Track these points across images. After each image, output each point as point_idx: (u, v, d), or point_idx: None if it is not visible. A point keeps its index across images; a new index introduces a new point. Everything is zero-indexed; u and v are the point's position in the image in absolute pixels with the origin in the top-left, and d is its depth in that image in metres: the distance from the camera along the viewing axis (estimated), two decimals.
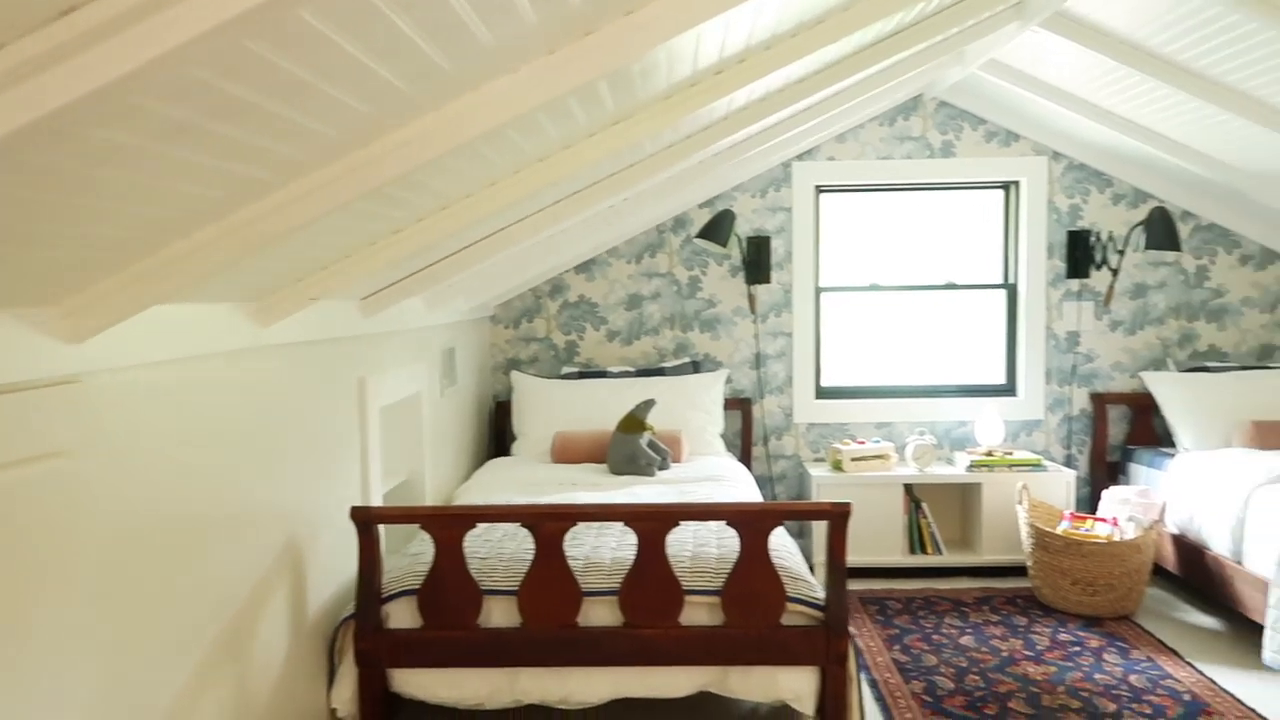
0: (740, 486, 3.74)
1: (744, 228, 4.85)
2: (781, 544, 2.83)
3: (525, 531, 2.59)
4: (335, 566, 2.73)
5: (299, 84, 1.10)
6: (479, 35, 1.28)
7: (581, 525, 2.96)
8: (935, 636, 3.73)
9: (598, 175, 2.76)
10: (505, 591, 2.57)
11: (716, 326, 4.92)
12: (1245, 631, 3.66)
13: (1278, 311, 4.83)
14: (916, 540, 4.55)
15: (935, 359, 4.98)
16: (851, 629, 3.84)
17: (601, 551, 2.74)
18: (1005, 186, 4.91)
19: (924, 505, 4.56)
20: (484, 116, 1.47)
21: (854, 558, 4.45)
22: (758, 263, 4.76)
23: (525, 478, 3.87)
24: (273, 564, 2.26)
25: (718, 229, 4.54)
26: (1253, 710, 3.06)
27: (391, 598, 2.56)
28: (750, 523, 2.50)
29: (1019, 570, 4.41)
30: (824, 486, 4.47)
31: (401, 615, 2.57)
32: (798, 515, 2.58)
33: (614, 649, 2.51)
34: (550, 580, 2.52)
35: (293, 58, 1.03)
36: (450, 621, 2.53)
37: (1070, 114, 4.27)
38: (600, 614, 2.57)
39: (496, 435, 4.85)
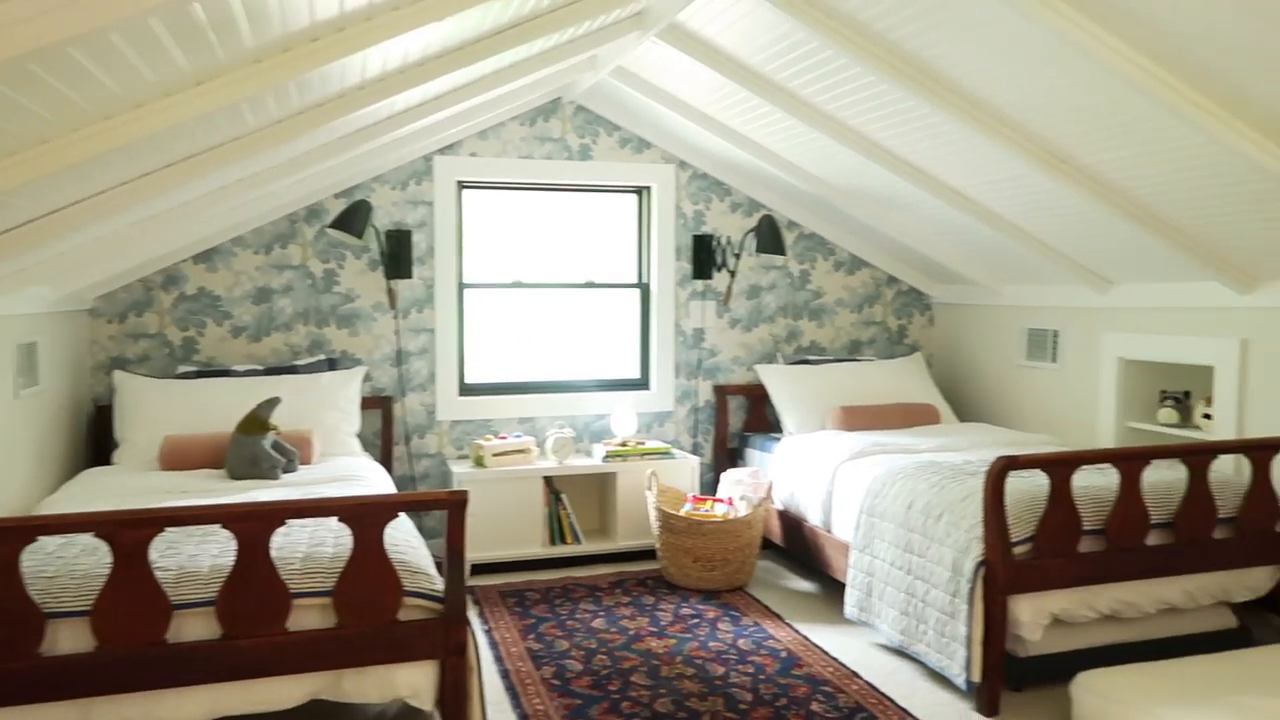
0: (374, 486, 3.61)
1: (384, 220, 4.70)
2: (404, 539, 2.75)
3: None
4: None
5: None
6: None
7: (181, 534, 2.68)
8: (570, 622, 3.83)
9: (196, 146, 2.52)
10: (75, 613, 2.25)
11: (355, 322, 4.72)
12: (834, 591, 4.14)
13: (864, 311, 5.54)
14: (557, 531, 4.66)
15: (576, 355, 5.14)
16: (487, 621, 3.84)
17: (200, 560, 2.49)
18: (638, 191, 5.19)
19: (564, 497, 4.69)
20: None
21: (496, 552, 4.48)
22: (398, 257, 4.63)
23: (126, 487, 3.44)
24: None
25: (353, 220, 4.35)
26: (835, 659, 3.46)
27: None
28: (363, 517, 2.40)
29: (650, 553, 4.67)
30: (465, 483, 4.44)
31: None
32: (412, 506, 2.52)
33: (210, 664, 2.30)
34: (131, 595, 2.25)
35: None
36: (2, 653, 2.17)
37: (693, 126, 4.59)
38: (195, 628, 2.34)
39: (95, 443, 4.29)
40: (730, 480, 4.56)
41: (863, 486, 3.80)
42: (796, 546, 4.41)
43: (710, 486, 5.12)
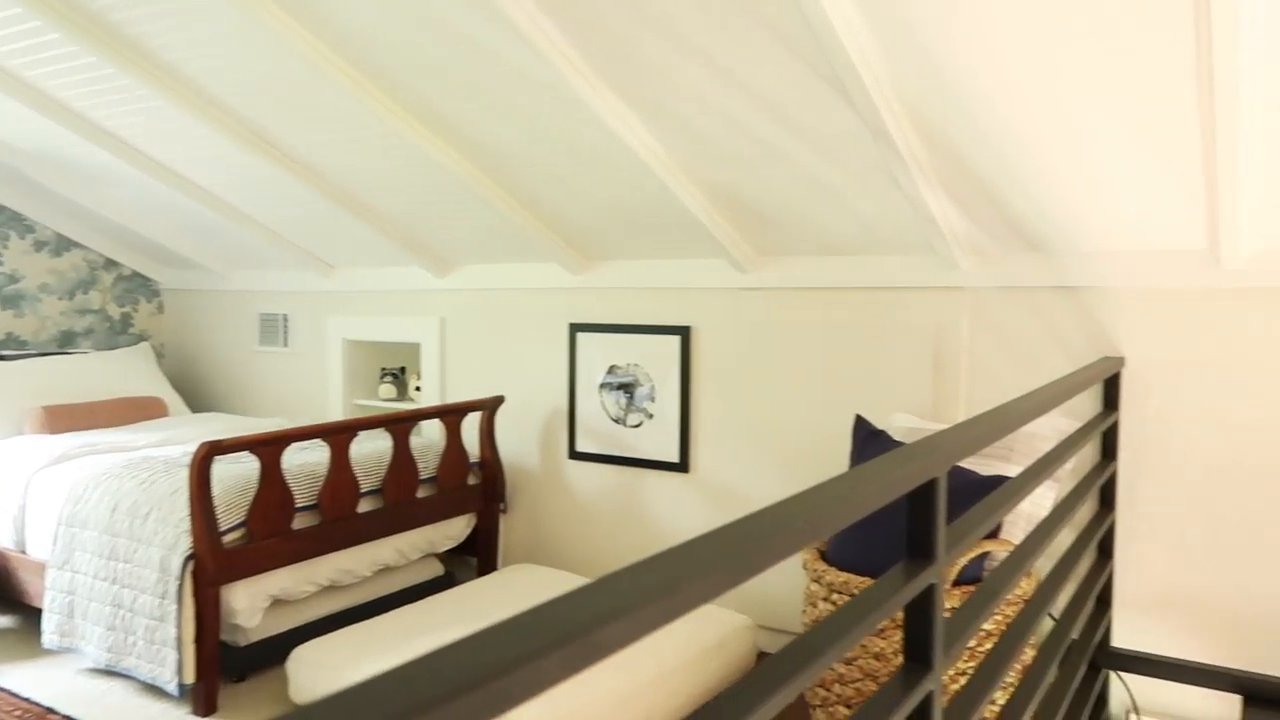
0: None
1: None
2: None
3: None
4: None
5: None
6: None
7: None
8: None
9: None
10: None
11: None
12: (35, 621, 3.55)
13: (77, 299, 4.89)
14: None
15: None
16: None
17: None
18: None
19: None
20: None
21: None
22: None
23: None
24: None
25: None
26: (28, 699, 2.95)
27: None
28: None
29: None
30: None
31: None
32: None
33: None
34: None
35: None
36: None
37: None
38: None
39: None
40: None
41: (62, 494, 3.31)
42: None
43: None
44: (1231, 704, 2.56)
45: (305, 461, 3.29)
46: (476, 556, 3.87)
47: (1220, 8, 1.79)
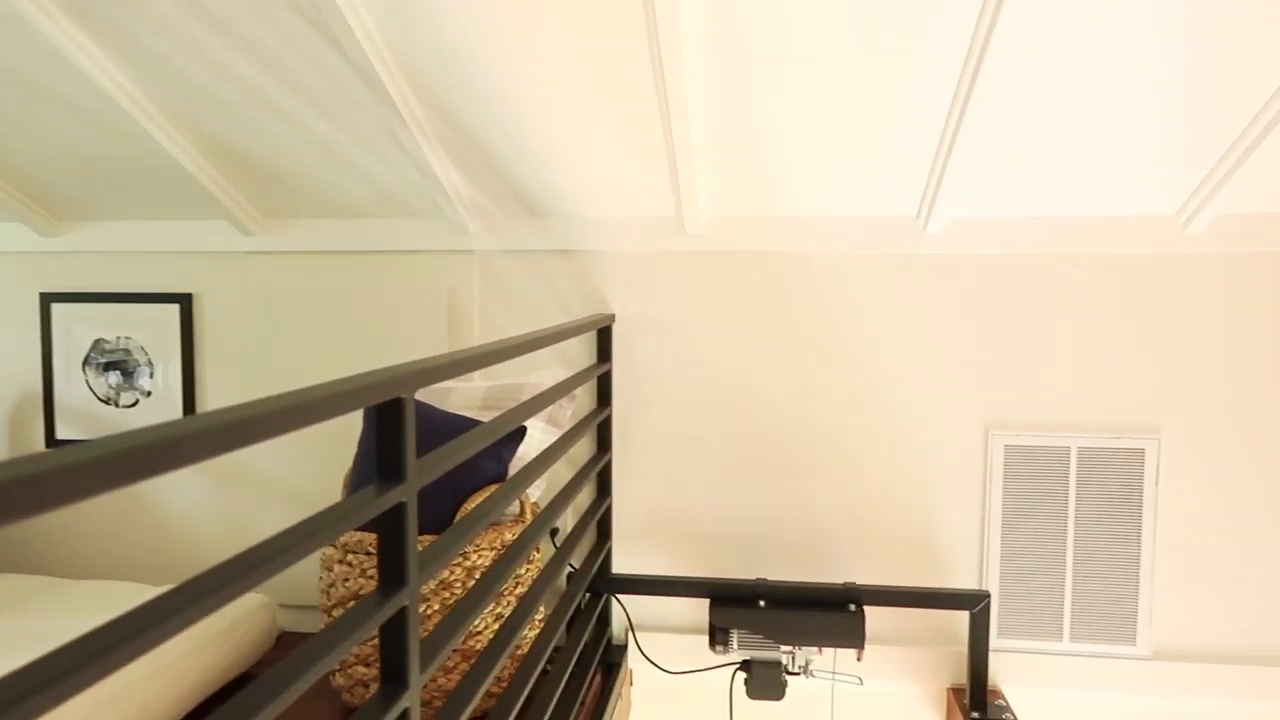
0: None
1: None
2: None
3: None
4: None
5: None
6: None
7: None
8: None
9: None
10: None
11: None
12: None
13: None
14: None
15: None
16: None
17: None
18: None
19: None
20: None
21: None
22: None
23: None
24: None
25: None
26: None
27: None
28: None
29: None
30: None
31: None
32: None
33: None
34: None
35: None
36: None
37: None
38: None
39: None
40: None
41: None
42: None
43: None
44: (703, 606, 2.99)
45: None
46: None
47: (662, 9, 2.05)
